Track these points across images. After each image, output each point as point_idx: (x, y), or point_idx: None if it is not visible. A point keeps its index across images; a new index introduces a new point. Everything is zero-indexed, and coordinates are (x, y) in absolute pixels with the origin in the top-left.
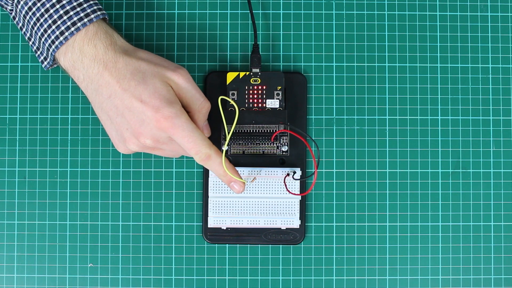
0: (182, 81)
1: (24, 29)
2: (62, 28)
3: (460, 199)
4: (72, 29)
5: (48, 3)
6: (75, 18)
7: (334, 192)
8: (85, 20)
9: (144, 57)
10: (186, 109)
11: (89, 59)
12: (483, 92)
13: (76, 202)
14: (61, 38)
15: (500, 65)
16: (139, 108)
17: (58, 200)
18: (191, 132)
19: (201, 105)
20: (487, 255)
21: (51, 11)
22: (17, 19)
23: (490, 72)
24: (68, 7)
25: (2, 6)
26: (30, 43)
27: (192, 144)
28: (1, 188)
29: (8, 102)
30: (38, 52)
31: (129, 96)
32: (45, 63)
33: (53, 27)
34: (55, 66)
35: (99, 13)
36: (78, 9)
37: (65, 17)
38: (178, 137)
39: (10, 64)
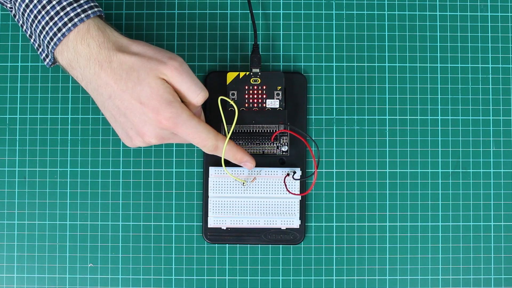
0: (175, 73)
1: (24, 27)
2: (60, 24)
3: (460, 199)
4: (70, 24)
5: None
6: (72, 14)
7: (334, 192)
8: (82, 15)
9: (137, 51)
10: (182, 100)
11: (84, 58)
12: (483, 92)
13: (76, 202)
14: (59, 35)
15: (500, 65)
16: (140, 110)
17: (58, 200)
18: (195, 128)
19: (198, 98)
20: (487, 255)
21: (48, 7)
22: (17, 16)
23: (490, 72)
24: (64, 3)
25: (2, 4)
26: (32, 40)
27: (197, 139)
28: (1, 188)
29: (8, 102)
30: (40, 50)
31: (129, 98)
32: (47, 60)
33: (51, 23)
34: (57, 63)
35: (96, 9)
36: (75, 4)
37: (62, 13)
38: (182, 134)
39: (10, 64)
